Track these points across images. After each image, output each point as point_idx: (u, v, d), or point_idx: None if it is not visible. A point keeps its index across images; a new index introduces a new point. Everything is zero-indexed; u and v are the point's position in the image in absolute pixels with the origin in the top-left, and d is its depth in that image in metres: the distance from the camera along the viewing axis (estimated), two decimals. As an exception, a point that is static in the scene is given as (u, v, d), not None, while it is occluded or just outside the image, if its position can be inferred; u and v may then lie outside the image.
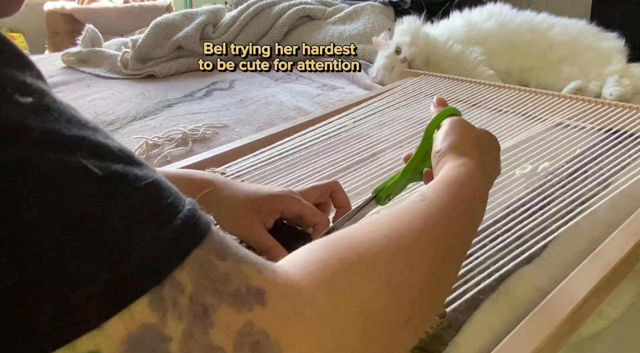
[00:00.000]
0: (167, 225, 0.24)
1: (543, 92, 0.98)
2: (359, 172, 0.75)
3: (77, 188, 0.21)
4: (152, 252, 0.23)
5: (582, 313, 0.47)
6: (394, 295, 0.30)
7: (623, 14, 2.01)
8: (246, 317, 0.24)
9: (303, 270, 0.28)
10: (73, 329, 0.21)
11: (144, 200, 0.23)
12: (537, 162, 0.73)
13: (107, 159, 0.23)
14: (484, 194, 0.45)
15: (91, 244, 0.21)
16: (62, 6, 2.85)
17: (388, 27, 1.58)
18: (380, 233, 0.33)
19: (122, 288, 0.22)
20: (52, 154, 0.21)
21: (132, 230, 0.22)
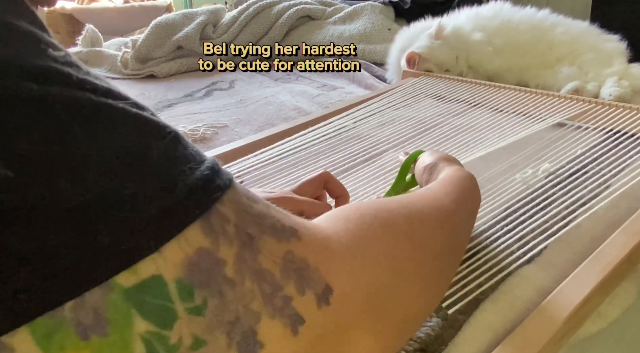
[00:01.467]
0: (199, 166, 0.25)
1: (543, 92, 0.98)
2: (359, 172, 0.75)
3: (119, 126, 0.23)
4: (194, 185, 0.24)
5: (582, 313, 0.47)
6: (415, 246, 0.33)
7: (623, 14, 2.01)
8: (286, 246, 0.26)
9: (327, 223, 0.31)
10: (135, 251, 0.22)
11: (175, 143, 0.25)
12: (538, 162, 0.73)
13: (138, 107, 0.25)
14: (477, 197, 0.48)
15: (139, 173, 0.22)
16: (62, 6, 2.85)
17: (388, 27, 1.58)
18: (394, 201, 0.36)
19: (175, 213, 0.23)
20: (93, 96, 0.23)
21: (172, 165, 0.24)
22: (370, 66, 1.42)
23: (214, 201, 0.25)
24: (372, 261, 0.30)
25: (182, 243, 0.23)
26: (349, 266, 0.29)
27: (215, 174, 0.26)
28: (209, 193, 0.25)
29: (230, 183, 0.26)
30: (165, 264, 0.22)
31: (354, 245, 0.30)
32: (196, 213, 0.24)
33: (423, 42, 1.19)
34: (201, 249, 0.23)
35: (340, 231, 0.30)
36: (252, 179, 0.76)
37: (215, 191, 0.25)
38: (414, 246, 0.33)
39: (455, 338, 0.45)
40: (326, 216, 0.33)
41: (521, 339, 0.42)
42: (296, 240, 0.27)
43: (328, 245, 0.29)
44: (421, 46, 1.19)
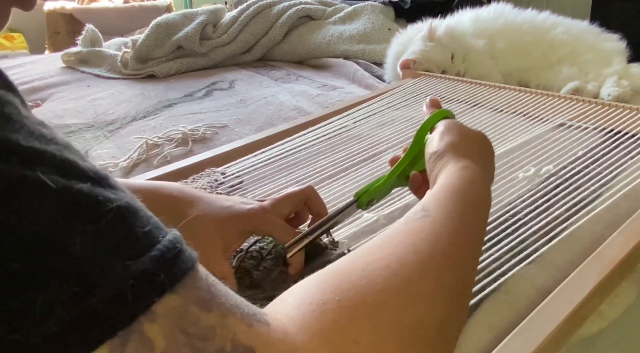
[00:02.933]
0: (141, 256, 0.20)
1: (543, 92, 0.98)
2: (359, 172, 0.75)
3: (33, 205, 0.18)
4: (118, 289, 0.19)
5: (583, 313, 0.47)
6: (404, 339, 0.26)
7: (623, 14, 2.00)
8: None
9: (298, 319, 0.25)
10: None
11: (113, 225, 0.20)
12: (539, 163, 0.73)
13: (72, 177, 0.20)
14: (488, 197, 0.42)
15: (46, 272, 0.18)
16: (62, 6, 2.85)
17: (388, 27, 1.58)
18: (383, 263, 0.29)
19: (78, 333, 0.18)
20: (7, 167, 0.18)
21: (97, 259, 0.19)
22: (370, 66, 1.42)
23: (147, 308, 0.19)
24: None
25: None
26: None
27: (164, 266, 0.20)
28: (141, 297, 0.19)
29: (183, 277, 0.21)
30: None
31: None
32: (113, 328, 0.19)
33: (416, 47, 1.20)
34: None
35: (312, 341, 0.24)
36: (252, 180, 0.76)
37: (151, 295, 0.20)
38: (403, 341, 0.26)
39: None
40: (300, 300, 0.26)
41: (521, 339, 0.42)
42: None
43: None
44: (414, 50, 1.20)
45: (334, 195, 0.69)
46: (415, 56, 1.18)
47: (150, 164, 0.89)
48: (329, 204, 0.67)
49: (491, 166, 0.48)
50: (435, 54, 1.18)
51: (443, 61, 1.19)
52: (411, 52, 1.19)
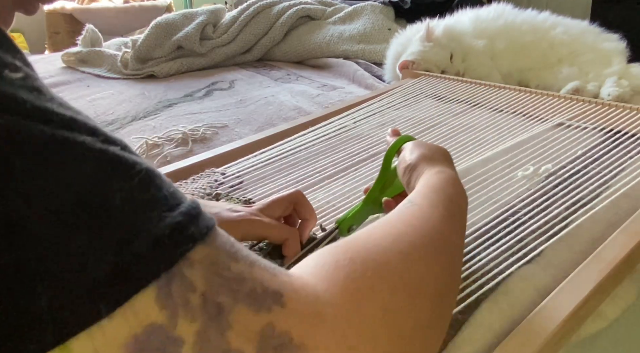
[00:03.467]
0: (173, 210, 0.22)
1: (543, 92, 0.98)
2: (360, 172, 0.75)
3: (75, 164, 0.20)
4: (158, 235, 0.21)
5: (582, 313, 0.47)
6: (412, 293, 0.29)
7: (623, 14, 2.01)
8: (266, 318, 0.22)
9: (316, 274, 0.27)
10: (72, 322, 0.18)
11: (145, 184, 0.22)
12: (538, 162, 0.73)
13: (104, 141, 0.21)
14: (464, 196, 0.45)
15: (92, 223, 0.19)
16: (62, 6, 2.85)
17: (388, 27, 1.58)
18: (385, 234, 0.32)
19: (127, 275, 0.19)
20: (47, 128, 0.19)
21: (137, 211, 0.21)
22: (370, 66, 1.42)
23: (184, 254, 0.21)
24: (368, 324, 0.26)
25: (129, 317, 0.19)
26: (343, 336, 0.24)
27: (191, 221, 0.22)
28: (179, 244, 0.21)
29: (209, 232, 0.23)
30: (105, 343, 0.18)
31: (348, 306, 0.25)
32: (158, 270, 0.20)
33: (415, 48, 1.20)
34: (153, 325, 0.19)
35: (330, 287, 0.26)
36: (252, 180, 0.76)
37: (186, 243, 0.21)
38: (412, 294, 0.29)
39: (455, 339, 0.45)
40: (314, 262, 0.29)
41: (521, 339, 0.42)
42: (279, 308, 0.23)
43: (318, 311, 0.24)
44: (413, 51, 1.20)
45: (334, 195, 0.69)
46: (413, 56, 1.18)
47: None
48: (329, 205, 0.67)
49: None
50: (434, 54, 1.18)
51: (442, 61, 1.19)
52: (410, 53, 1.20)
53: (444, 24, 1.23)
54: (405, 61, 1.19)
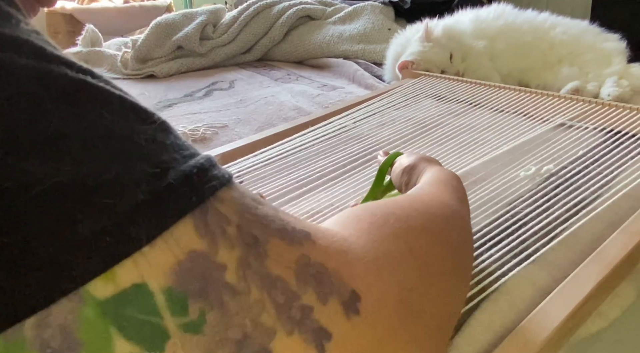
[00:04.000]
0: (194, 155, 0.22)
1: (543, 92, 0.98)
2: (359, 172, 0.75)
3: (100, 105, 0.20)
4: (187, 171, 0.21)
5: (582, 313, 0.47)
6: (434, 241, 0.30)
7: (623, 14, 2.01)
8: (299, 250, 0.23)
9: (340, 225, 0.28)
10: (114, 249, 0.18)
11: (165, 130, 0.22)
12: (540, 163, 0.73)
13: (121, 91, 0.22)
14: (467, 197, 0.45)
15: (123, 155, 0.20)
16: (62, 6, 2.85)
17: (388, 27, 1.58)
18: (399, 200, 0.34)
19: (163, 204, 0.20)
20: (70, 71, 0.20)
21: (161, 151, 0.21)
22: (370, 66, 1.42)
23: (213, 191, 0.21)
24: (397, 260, 0.26)
25: (171, 244, 0.19)
26: (375, 267, 0.25)
27: (213, 166, 0.23)
28: (206, 181, 0.21)
29: (230, 178, 0.23)
30: (150, 269, 0.19)
31: (375, 245, 0.26)
32: (193, 201, 0.20)
33: (414, 48, 1.20)
34: (195, 252, 0.20)
35: (356, 232, 0.27)
36: (252, 179, 0.76)
37: (213, 180, 0.22)
38: (434, 241, 0.30)
39: (455, 338, 0.45)
40: (335, 219, 0.29)
41: (521, 339, 0.42)
42: (310, 243, 0.23)
43: (347, 247, 0.25)
44: (412, 52, 1.19)
45: (334, 196, 0.69)
46: (413, 57, 1.18)
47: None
48: (331, 206, 0.67)
49: None
50: (434, 54, 1.18)
51: (442, 61, 1.19)
52: (409, 54, 1.19)
53: (443, 24, 1.23)
54: (404, 61, 1.19)
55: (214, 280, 0.20)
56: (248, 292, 0.20)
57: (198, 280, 0.19)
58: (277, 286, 0.21)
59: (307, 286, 0.22)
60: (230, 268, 0.20)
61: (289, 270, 0.22)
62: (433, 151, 0.79)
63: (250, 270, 0.21)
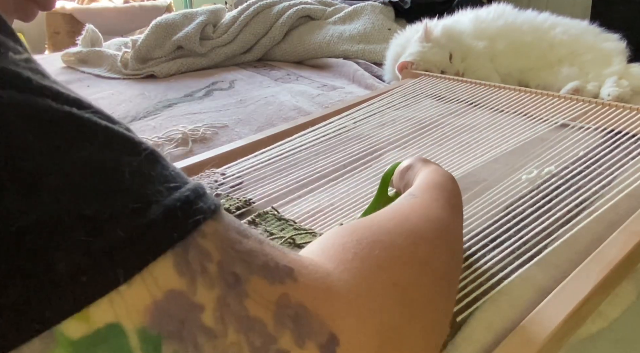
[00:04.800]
0: (180, 187, 0.22)
1: (543, 92, 0.98)
2: (359, 173, 0.75)
3: (84, 138, 0.20)
4: (170, 206, 0.21)
5: (582, 313, 0.47)
6: (420, 269, 0.29)
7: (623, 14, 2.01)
8: (280, 289, 0.22)
9: (324, 255, 0.27)
10: (90, 288, 0.18)
11: (152, 161, 0.22)
12: (541, 165, 0.73)
13: (109, 121, 0.22)
14: (461, 196, 0.46)
15: (104, 190, 0.19)
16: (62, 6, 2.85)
17: (388, 27, 1.58)
18: (388, 217, 0.33)
19: (143, 241, 0.19)
20: (55, 104, 0.20)
21: (146, 184, 0.21)
22: (370, 66, 1.42)
23: (196, 226, 0.21)
24: (379, 297, 0.26)
25: (149, 283, 0.19)
26: (356, 308, 0.25)
27: (199, 197, 0.22)
28: (190, 215, 0.21)
29: (217, 209, 0.23)
30: (125, 309, 0.18)
31: (358, 281, 0.26)
32: (173, 238, 0.20)
33: (413, 49, 1.20)
34: (173, 291, 0.20)
35: (340, 265, 0.26)
36: (252, 180, 0.76)
37: (197, 214, 0.21)
38: (420, 271, 0.29)
39: (455, 338, 0.45)
40: (320, 246, 0.29)
41: (521, 339, 0.42)
42: (292, 281, 0.23)
43: (329, 284, 0.25)
44: (412, 52, 1.19)
45: (334, 195, 0.69)
46: (412, 57, 1.18)
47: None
48: (332, 206, 0.67)
49: None
50: (433, 54, 1.18)
51: (441, 61, 1.19)
52: (408, 54, 1.19)
53: (443, 24, 1.23)
54: (404, 61, 1.19)
55: (190, 322, 0.20)
56: (225, 335, 0.20)
57: (174, 321, 0.19)
58: (255, 328, 0.21)
59: (284, 328, 0.22)
60: (208, 309, 0.20)
61: (268, 311, 0.22)
62: (433, 151, 0.79)
63: (228, 311, 0.21)
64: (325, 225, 0.62)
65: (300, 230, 0.60)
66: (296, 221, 0.63)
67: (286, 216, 0.64)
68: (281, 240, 0.57)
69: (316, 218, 0.64)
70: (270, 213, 0.64)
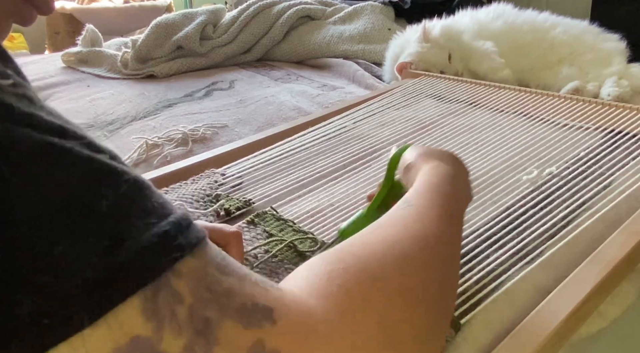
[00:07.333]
0: (161, 220, 0.21)
1: (543, 92, 0.98)
2: (359, 172, 0.75)
3: (62, 169, 0.19)
4: (145, 243, 0.20)
5: (582, 313, 0.47)
6: (409, 302, 0.28)
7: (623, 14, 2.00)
8: (255, 335, 0.22)
9: (308, 287, 0.26)
10: (53, 331, 0.17)
11: (133, 192, 0.21)
12: (541, 165, 0.73)
13: (93, 150, 0.21)
14: (464, 190, 0.45)
15: (77, 228, 0.19)
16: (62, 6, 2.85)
17: (388, 27, 1.58)
18: (379, 239, 0.32)
19: (111, 283, 0.19)
20: (34, 133, 0.19)
21: (123, 218, 0.20)
22: (370, 66, 1.42)
23: (171, 264, 0.20)
24: (363, 339, 0.25)
25: (113, 328, 0.18)
26: (336, 352, 0.24)
27: (180, 231, 0.21)
28: (166, 253, 0.20)
29: (199, 242, 0.22)
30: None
31: (341, 321, 0.25)
32: (144, 279, 0.19)
33: (412, 49, 1.20)
34: (138, 338, 0.19)
35: (323, 301, 0.25)
36: (252, 180, 0.76)
37: (173, 253, 0.21)
38: (408, 304, 0.28)
39: (455, 338, 0.45)
40: (305, 274, 0.28)
41: (521, 339, 0.42)
42: (270, 324, 0.22)
43: (310, 328, 0.24)
44: (410, 53, 1.20)
45: (334, 195, 0.69)
46: (411, 58, 1.19)
47: (150, 164, 0.89)
48: (331, 206, 0.67)
49: (461, 172, 0.48)
50: (432, 55, 1.18)
51: (440, 61, 1.19)
52: (407, 55, 1.20)
53: (442, 24, 1.23)
54: (402, 62, 1.19)
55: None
56: None
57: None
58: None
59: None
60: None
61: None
62: (433, 151, 0.79)
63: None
64: (324, 225, 0.62)
65: (299, 232, 0.60)
66: (295, 221, 0.63)
67: (286, 216, 0.64)
68: (281, 243, 0.57)
69: (316, 218, 0.64)
70: (269, 213, 0.64)
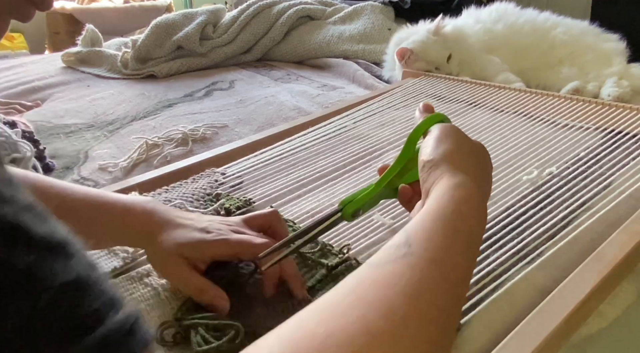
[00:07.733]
0: (80, 339, 0.18)
1: (543, 92, 0.98)
2: (360, 172, 0.75)
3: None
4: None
5: (582, 313, 0.47)
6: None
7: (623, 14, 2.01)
8: None
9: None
10: None
11: (53, 305, 0.18)
12: (541, 165, 0.73)
13: (18, 245, 0.18)
14: (482, 216, 0.39)
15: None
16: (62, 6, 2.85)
17: (388, 27, 1.58)
18: (372, 307, 0.27)
19: None
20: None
21: (30, 343, 0.17)
22: (370, 66, 1.42)
23: None
24: None
25: None
26: None
27: (118, 342, 0.19)
28: None
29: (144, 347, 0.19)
30: None
31: None
32: None
33: (418, 37, 1.20)
34: None
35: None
36: (252, 180, 0.76)
37: None
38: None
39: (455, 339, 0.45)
40: (288, 337, 0.25)
41: (521, 339, 0.42)
42: None
43: None
44: (415, 40, 1.19)
45: (334, 195, 0.69)
46: (414, 45, 1.18)
47: (150, 164, 0.89)
48: (331, 206, 0.67)
49: (488, 181, 0.45)
50: (434, 50, 1.18)
51: (439, 58, 1.19)
52: (411, 41, 1.19)
53: (454, 24, 1.23)
54: (403, 48, 1.18)
55: None
56: None
57: None
58: None
59: None
60: None
61: None
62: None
63: None
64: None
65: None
66: (295, 221, 0.63)
67: (286, 216, 0.64)
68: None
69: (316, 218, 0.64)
70: None
